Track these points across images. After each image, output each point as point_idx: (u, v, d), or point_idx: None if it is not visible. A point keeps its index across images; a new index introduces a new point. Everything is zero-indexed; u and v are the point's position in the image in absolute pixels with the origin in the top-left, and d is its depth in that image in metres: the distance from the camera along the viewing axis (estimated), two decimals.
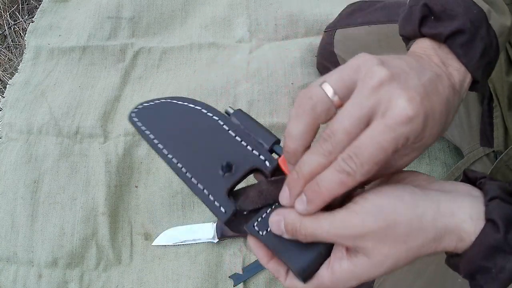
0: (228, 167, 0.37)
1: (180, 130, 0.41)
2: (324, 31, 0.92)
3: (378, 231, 0.29)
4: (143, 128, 0.43)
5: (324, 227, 0.30)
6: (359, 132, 0.29)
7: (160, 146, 0.41)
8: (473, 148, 0.65)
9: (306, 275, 0.32)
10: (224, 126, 0.40)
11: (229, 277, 0.82)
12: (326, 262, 0.32)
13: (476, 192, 0.32)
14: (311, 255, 0.32)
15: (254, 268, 0.82)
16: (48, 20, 1.19)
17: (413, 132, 0.29)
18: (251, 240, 0.36)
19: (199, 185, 0.37)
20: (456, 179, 0.70)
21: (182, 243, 0.85)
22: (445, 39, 0.37)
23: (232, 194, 0.37)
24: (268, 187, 0.36)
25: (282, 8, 1.13)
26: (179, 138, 0.41)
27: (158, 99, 0.44)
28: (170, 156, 0.40)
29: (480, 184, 0.33)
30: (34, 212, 0.88)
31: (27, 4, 1.32)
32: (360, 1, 0.90)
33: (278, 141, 0.38)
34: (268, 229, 0.34)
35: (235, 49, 1.08)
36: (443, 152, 0.91)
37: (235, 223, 0.36)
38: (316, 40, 1.03)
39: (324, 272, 0.32)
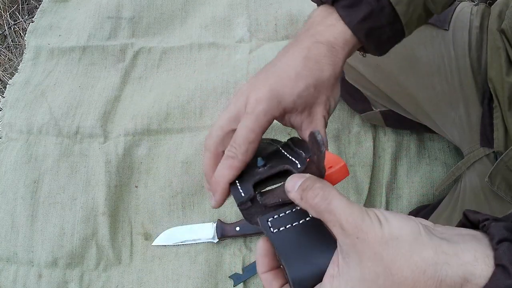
0: (262, 162, 0.39)
1: None
2: None
3: (381, 238, 0.28)
4: None
5: (342, 203, 0.30)
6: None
7: None
8: (473, 149, 0.65)
9: (300, 281, 0.31)
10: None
11: (229, 277, 0.82)
12: (317, 285, 0.31)
13: (479, 235, 0.31)
14: (312, 268, 0.31)
15: (254, 268, 0.82)
16: (48, 20, 1.19)
17: (270, 106, 0.39)
18: (259, 246, 0.36)
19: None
20: (456, 179, 0.70)
21: (182, 243, 0.85)
22: (332, 2, 0.43)
23: (261, 193, 0.38)
24: None
25: (282, 8, 1.13)
26: None
27: None
28: None
29: (484, 227, 0.31)
30: (34, 212, 0.88)
31: (27, 4, 1.31)
32: None
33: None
34: (280, 229, 0.34)
35: (235, 49, 1.08)
36: (443, 152, 0.91)
37: (251, 211, 0.36)
38: None
39: None
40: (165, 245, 0.86)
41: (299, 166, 0.36)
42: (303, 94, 0.40)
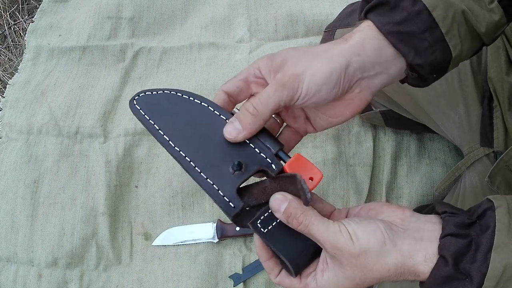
0: (239, 166, 0.40)
1: (186, 125, 0.43)
2: (324, 31, 0.92)
3: (353, 253, 0.37)
4: (147, 117, 0.43)
5: (320, 228, 0.37)
6: None
7: (166, 137, 0.42)
8: (473, 148, 0.65)
9: (297, 267, 0.39)
10: None
11: (229, 277, 0.82)
12: (312, 274, 0.40)
13: (437, 227, 0.38)
14: (302, 248, 0.40)
15: (254, 268, 0.82)
16: (48, 20, 1.19)
17: (255, 69, 0.42)
18: (256, 239, 0.41)
19: (208, 180, 0.40)
20: (456, 179, 0.70)
21: (182, 243, 0.85)
22: (365, 14, 0.42)
23: (238, 190, 0.40)
24: (271, 185, 0.40)
25: (282, 8, 1.13)
26: (186, 133, 0.42)
27: (162, 90, 0.44)
28: (177, 148, 0.42)
29: (442, 218, 0.39)
30: (34, 212, 0.88)
31: (27, 4, 1.32)
32: (360, 1, 0.90)
33: (283, 147, 0.41)
34: (269, 227, 0.39)
35: (235, 49, 1.08)
36: (443, 152, 0.91)
37: (240, 217, 0.40)
38: (316, 40, 1.03)
39: (310, 281, 0.39)
40: (165, 245, 0.86)
41: (274, 167, 0.40)
42: (284, 51, 0.41)
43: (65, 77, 1.08)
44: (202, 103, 0.44)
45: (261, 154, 0.41)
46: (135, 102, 0.44)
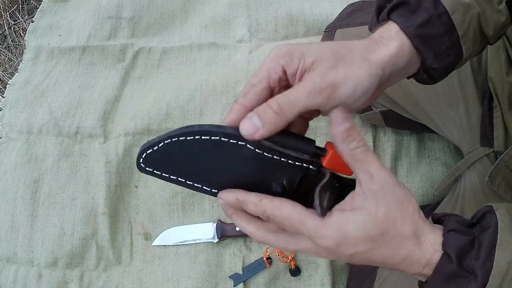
0: (282, 188, 0.38)
1: (211, 167, 0.39)
2: (324, 31, 0.92)
3: (405, 194, 0.36)
4: (166, 175, 0.42)
5: (378, 161, 0.36)
6: None
7: (198, 185, 0.40)
8: (473, 148, 0.65)
9: None
10: (257, 150, 0.38)
11: (229, 277, 0.82)
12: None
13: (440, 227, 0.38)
14: None
15: (254, 268, 0.82)
16: (48, 20, 1.19)
17: (286, 60, 0.36)
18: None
19: None
20: (456, 179, 0.70)
21: (182, 243, 0.85)
22: (388, 14, 0.41)
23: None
24: (312, 179, 0.39)
25: (282, 8, 1.13)
26: (217, 174, 0.39)
27: (162, 140, 0.39)
28: (215, 191, 0.40)
29: (443, 222, 0.38)
30: (34, 212, 0.88)
31: (27, 4, 1.32)
32: (360, 1, 0.90)
33: (314, 142, 0.39)
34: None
35: (235, 49, 1.08)
36: (443, 152, 0.91)
37: None
38: (316, 40, 1.03)
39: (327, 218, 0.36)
40: (165, 245, 0.86)
41: (313, 168, 0.39)
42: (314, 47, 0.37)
43: (65, 77, 1.08)
44: (212, 138, 0.38)
45: (296, 163, 0.38)
46: (143, 165, 0.41)
